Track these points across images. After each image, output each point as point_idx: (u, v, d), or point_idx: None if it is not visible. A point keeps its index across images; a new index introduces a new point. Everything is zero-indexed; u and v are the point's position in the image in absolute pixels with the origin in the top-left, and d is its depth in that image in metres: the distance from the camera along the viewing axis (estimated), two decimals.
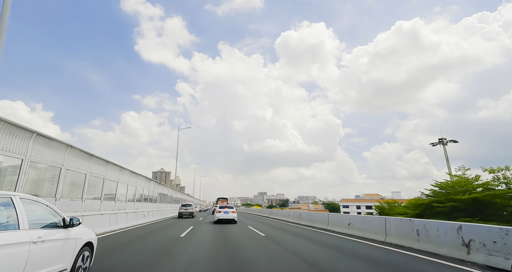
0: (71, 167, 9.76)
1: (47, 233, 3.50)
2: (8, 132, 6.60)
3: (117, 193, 14.06)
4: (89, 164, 10.93)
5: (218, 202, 46.03)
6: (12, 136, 6.77)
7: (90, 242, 4.63)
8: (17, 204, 3.17)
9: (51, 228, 3.71)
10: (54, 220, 3.89)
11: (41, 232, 3.37)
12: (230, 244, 8.76)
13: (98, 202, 11.79)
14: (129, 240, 9.62)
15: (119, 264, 5.79)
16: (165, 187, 28.34)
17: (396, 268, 5.56)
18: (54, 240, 3.61)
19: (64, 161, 9.22)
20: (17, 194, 3.32)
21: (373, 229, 9.92)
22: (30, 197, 3.59)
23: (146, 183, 19.77)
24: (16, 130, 6.85)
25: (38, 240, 3.23)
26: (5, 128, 6.51)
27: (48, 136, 8.11)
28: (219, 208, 18.67)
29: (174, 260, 6.21)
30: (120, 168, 14.22)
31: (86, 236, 4.50)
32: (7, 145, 6.63)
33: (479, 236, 5.77)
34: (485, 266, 5.40)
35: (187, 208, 26.00)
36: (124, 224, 14.22)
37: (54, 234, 3.66)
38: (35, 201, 3.65)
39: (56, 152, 8.80)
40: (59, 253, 3.70)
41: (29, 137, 7.38)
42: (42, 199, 3.85)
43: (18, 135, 6.98)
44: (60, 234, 3.78)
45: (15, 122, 6.62)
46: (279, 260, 6.35)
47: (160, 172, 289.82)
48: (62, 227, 3.93)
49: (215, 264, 5.86)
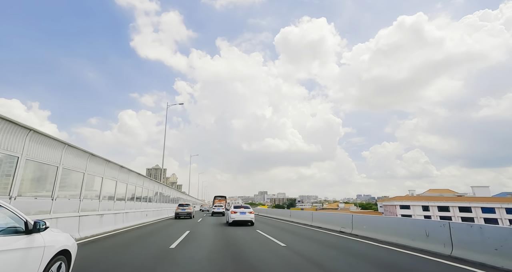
0: (36, 157, 7.82)
1: (0, 241, 2.65)
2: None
3: (103, 191, 12.49)
4: (63, 155, 9.00)
5: (215, 201, 42.19)
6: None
7: (66, 250, 3.77)
8: None
9: (8, 235, 2.86)
10: (14, 225, 3.03)
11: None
12: (241, 262, 6.06)
13: (76, 201, 10.03)
14: (99, 253, 7.08)
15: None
16: (161, 185, 26.88)
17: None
18: (11, 250, 2.76)
19: (23, 149, 7.23)
20: None
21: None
22: None
23: (138, 180, 18.20)
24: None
25: None
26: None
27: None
28: (235, 208, 16.25)
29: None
30: (106, 162, 12.62)
31: (60, 243, 3.64)
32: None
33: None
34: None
35: (185, 208, 24.13)
36: (112, 227, 12.69)
37: (11, 242, 2.80)
38: None
39: (12, 137, 6.82)
40: (17, 266, 2.83)
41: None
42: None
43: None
44: (20, 242, 2.93)
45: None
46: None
47: (155, 169, 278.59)
48: (24, 233, 3.08)
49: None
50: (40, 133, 7.82)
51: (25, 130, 7.23)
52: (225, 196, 44.09)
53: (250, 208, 16.47)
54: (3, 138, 6.49)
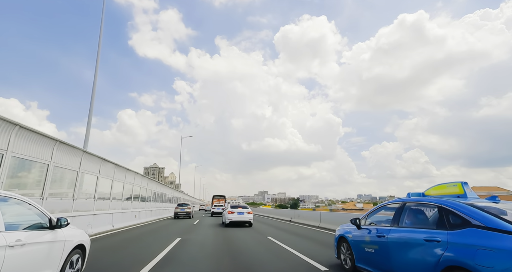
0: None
1: (29, 235, 3.03)
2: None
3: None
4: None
5: (214, 200, 40.63)
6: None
7: (82, 244, 4.17)
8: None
9: (35, 230, 3.25)
10: (39, 221, 3.42)
11: (21, 235, 2.90)
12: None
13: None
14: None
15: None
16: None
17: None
18: (38, 243, 3.15)
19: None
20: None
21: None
22: (9, 194, 3.11)
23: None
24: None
25: (16, 243, 2.76)
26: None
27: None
28: (232, 208, 15.34)
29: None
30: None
31: (77, 238, 4.03)
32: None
33: None
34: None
35: (184, 207, 23.96)
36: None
37: (37, 236, 3.19)
38: (15, 198, 3.17)
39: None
40: (44, 257, 3.23)
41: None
42: (24, 197, 3.37)
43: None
44: (45, 237, 3.32)
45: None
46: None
47: (152, 167, 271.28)
48: (48, 229, 3.47)
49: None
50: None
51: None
52: (224, 196, 42.90)
53: (248, 208, 15.74)
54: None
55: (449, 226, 3.13)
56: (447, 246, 2.96)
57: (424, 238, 3.29)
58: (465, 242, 2.80)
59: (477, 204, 3.18)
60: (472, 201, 3.31)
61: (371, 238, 4.40)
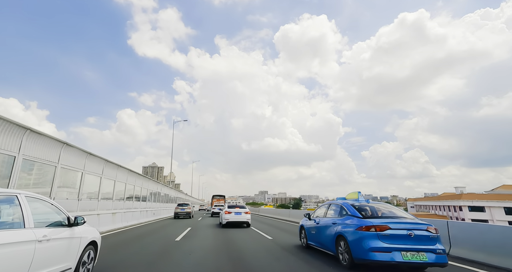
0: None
1: (52, 231, 3.43)
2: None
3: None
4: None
5: (214, 200, 40.44)
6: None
7: (94, 241, 4.57)
8: (22, 203, 3.11)
9: (56, 227, 3.64)
10: (59, 219, 3.82)
11: (46, 231, 3.31)
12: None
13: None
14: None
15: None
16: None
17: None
18: (59, 239, 3.55)
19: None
20: (22, 192, 3.25)
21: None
22: (35, 195, 3.51)
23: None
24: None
25: (43, 238, 3.17)
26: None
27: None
28: (229, 208, 14.98)
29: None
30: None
31: (91, 235, 4.43)
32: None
33: None
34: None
35: (184, 207, 24.22)
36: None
37: (59, 233, 3.59)
38: (39, 199, 3.57)
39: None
40: (64, 252, 3.63)
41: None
42: (46, 197, 3.78)
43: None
44: (65, 233, 3.72)
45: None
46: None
47: (151, 167, 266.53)
48: (67, 226, 3.87)
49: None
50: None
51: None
52: (224, 196, 42.46)
53: (246, 208, 15.44)
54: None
55: (341, 215, 6.16)
56: (339, 226, 5.90)
57: (332, 222, 6.34)
58: (344, 222, 5.79)
59: (355, 204, 6.24)
60: (355, 203, 6.35)
61: (313, 225, 7.44)
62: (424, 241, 4.97)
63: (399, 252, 4.82)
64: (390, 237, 4.94)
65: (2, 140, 6.68)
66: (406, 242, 4.92)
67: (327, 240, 6.36)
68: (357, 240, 5.16)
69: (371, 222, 5.20)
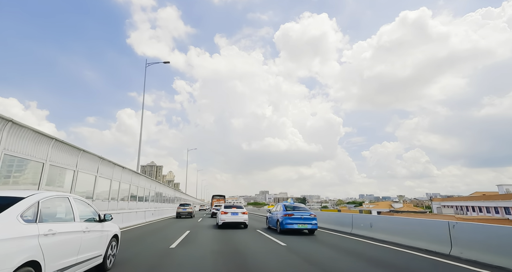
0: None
1: (90, 225, 4.45)
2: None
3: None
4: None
5: (214, 200, 40.13)
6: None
7: (117, 234, 5.59)
8: (72, 202, 4.14)
9: (92, 222, 4.66)
10: (92, 216, 4.84)
11: (87, 224, 4.33)
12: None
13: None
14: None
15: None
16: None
17: None
18: (94, 231, 4.56)
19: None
20: (70, 194, 4.28)
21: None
22: (77, 197, 4.54)
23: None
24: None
25: (86, 230, 4.19)
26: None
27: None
28: (225, 208, 14.77)
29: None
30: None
31: (114, 229, 5.46)
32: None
33: None
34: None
35: (186, 207, 25.34)
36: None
37: (94, 226, 4.61)
38: (80, 200, 4.60)
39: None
40: (98, 241, 4.65)
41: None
42: (84, 198, 4.80)
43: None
44: (97, 226, 4.73)
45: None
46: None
47: (150, 166, 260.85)
48: (98, 221, 4.88)
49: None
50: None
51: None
52: (224, 196, 42.24)
53: (243, 208, 15.24)
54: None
55: (280, 210, 12.88)
56: (278, 215, 12.68)
57: (275, 213, 13.18)
58: (280, 213, 12.44)
59: (286, 203, 13.15)
60: (286, 203, 13.27)
61: (270, 216, 14.47)
62: (307, 219, 11.79)
63: (297, 224, 11.68)
64: (293, 218, 11.75)
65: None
66: (300, 220, 11.73)
67: (274, 222, 13.15)
68: (282, 220, 11.92)
69: (287, 212, 12.04)
